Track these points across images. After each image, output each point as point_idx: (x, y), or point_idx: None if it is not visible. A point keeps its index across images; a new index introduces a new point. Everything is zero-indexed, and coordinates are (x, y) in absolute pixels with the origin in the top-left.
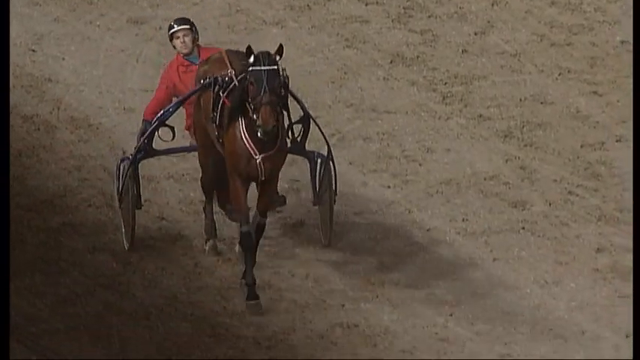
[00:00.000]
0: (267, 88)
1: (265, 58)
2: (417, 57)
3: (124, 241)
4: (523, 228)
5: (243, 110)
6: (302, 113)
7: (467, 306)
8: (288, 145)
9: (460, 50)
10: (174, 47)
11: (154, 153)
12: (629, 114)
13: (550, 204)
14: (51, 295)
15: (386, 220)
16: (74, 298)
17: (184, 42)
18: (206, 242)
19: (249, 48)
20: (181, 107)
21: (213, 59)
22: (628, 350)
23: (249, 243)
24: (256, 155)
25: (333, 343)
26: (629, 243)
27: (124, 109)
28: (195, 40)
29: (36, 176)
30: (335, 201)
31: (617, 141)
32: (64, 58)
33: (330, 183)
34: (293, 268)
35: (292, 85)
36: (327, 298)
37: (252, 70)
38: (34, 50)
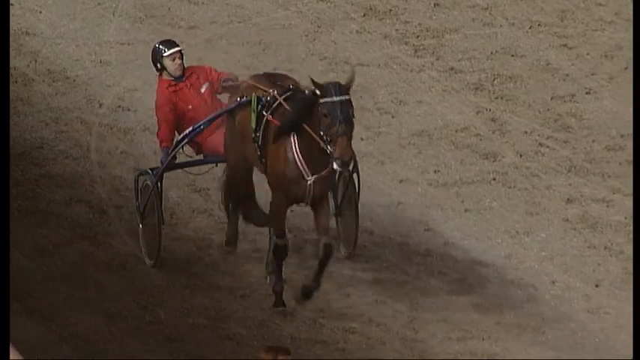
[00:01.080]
0: (342, 119)
1: (336, 88)
2: (390, 10)
3: (146, 258)
4: (494, 179)
5: (296, 131)
6: None
7: (438, 256)
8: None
9: (432, 4)
10: (161, 69)
11: (174, 167)
12: (598, 66)
13: (521, 155)
14: (29, 246)
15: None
16: (52, 248)
17: (180, 64)
18: (226, 244)
19: (312, 79)
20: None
21: (243, 88)
22: (597, 301)
23: (282, 255)
24: (308, 177)
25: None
26: (599, 194)
27: (101, 61)
28: (183, 62)
29: (14, 129)
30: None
31: (586, 93)
32: (41, 12)
33: (354, 194)
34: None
35: (266, 39)
36: (299, 248)
37: (324, 103)
38: (11, 4)
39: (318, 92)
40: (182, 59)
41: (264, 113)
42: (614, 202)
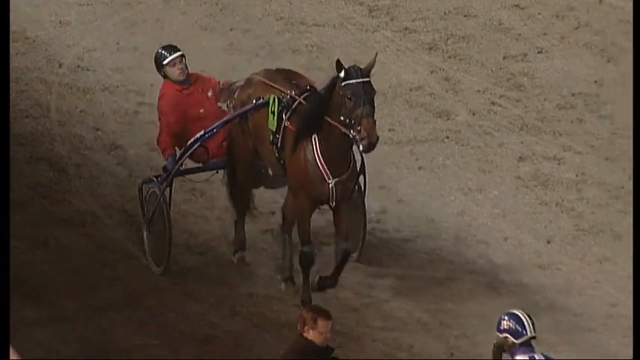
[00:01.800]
0: (365, 100)
1: (357, 71)
2: None
3: (152, 265)
4: (447, 137)
5: (315, 131)
6: None
7: (393, 213)
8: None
9: None
10: (164, 75)
11: (179, 173)
12: (550, 26)
13: (474, 114)
14: None
15: None
16: (14, 206)
17: (181, 69)
18: (234, 253)
19: (338, 62)
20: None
21: (254, 83)
22: (549, 257)
23: (310, 263)
24: (329, 179)
25: (263, 249)
26: (550, 152)
27: (60, 22)
28: (186, 66)
29: None
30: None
31: (538, 53)
32: None
33: (360, 197)
34: (225, 176)
35: (223, 0)
36: (258, 206)
37: (347, 85)
38: None
39: (341, 75)
40: (184, 64)
41: (284, 117)
42: (566, 159)
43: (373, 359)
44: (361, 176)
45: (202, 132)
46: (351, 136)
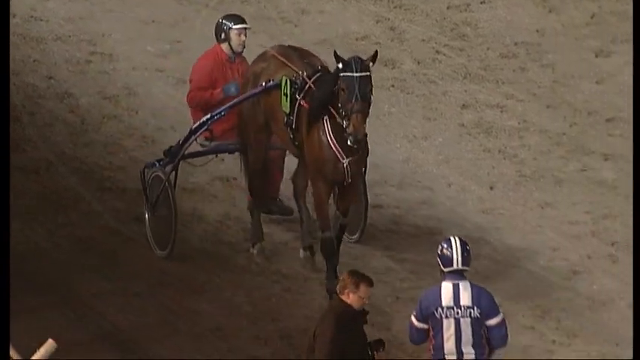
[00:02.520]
0: (358, 96)
1: (357, 63)
2: None
3: (156, 249)
4: (393, 86)
5: (326, 113)
6: None
7: None
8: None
9: None
10: (222, 41)
11: (185, 157)
12: None
13: (419, 63)
14: None
15: None
16: None
17: (243, 41)
18: (253, 246)
19: (335, 53)
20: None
21: (268, 57)
22: (492, 202)
23: (331, 249)
24: (343, 159)
25: (214, 195)
26: (493, 99)
27: None
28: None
29: None
30: (367, 198)
31: (481, 2)
32: None
33: (363, 179)
34: (174, 124)
35: None
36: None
37: (343, 76)
38: None
39: (339, 66)
40: (245, 38)
41: (297, 97)
42: (508, 107)
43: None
44: None
45: (209, 115)
46: (344, 126)
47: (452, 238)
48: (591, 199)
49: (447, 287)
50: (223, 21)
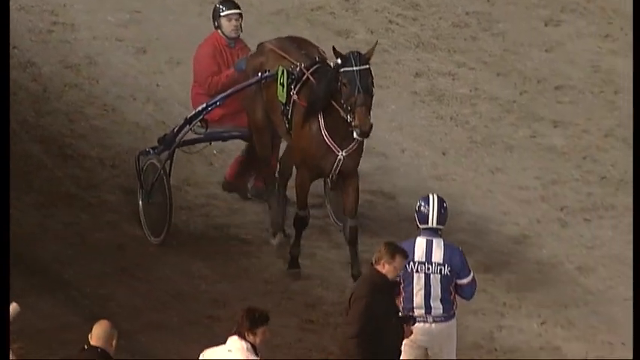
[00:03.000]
0: (361, 89)
1: (356, 57)
2: None
3: (150, 236)
4: None
5: (325, 108)
6: None
7: None
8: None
9: None
10: (216, 27)
11: (180, 145)
12: None
13: (372, 32)
14: None
15: None
16: None
17: (236, 26)
18: (274, 236)
19: (334, 49)
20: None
21: (266, 52)
22: (444, 168)
23: (303, 225)
24: (339, 152)
25: (173, 162)
26: (445, 68)
27: None
28: (241, 26)
29: None
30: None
31: None
32: None
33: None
34: (134, 92)
35: None
36: (166, 119)
37: (344, 71)
38: None
39: (338, 61)
40: (239, 23)
41: (292, 87)
42: (460, 75)
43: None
44: None
45: (204, 104)
46: (348, 120)
47: (430, 197)
48: (541, 164)
49: (420, 243)
50: (216, 6)
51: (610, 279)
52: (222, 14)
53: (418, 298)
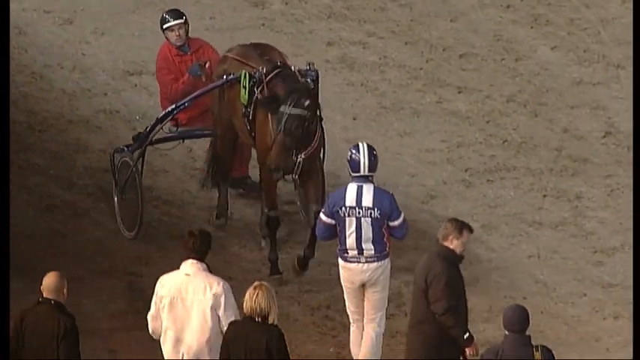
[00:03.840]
0: (283, 129)
1: (295, 99)
2: None
3: (125, 231)
4: (263, 25)
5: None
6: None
7: None
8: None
9: None
10: (166, 38)
11: (153, 143)
12: None
13: (286, 3)
14: None
15: None
16: None
17: (179, 35)
18: (217, 217)
19: (288, 86)
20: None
21: (228, 60)
22: (355, 132)
23: (275, 225)
24: (295, 156)
25: (98, 127)
26: (356, 37)
27: None
28: (187, 32)
29: None
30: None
31: None
32: None
33: (321, 166)
34: (61, 61)
35: None
36: (91, 87)
37: (280, 109)
38: None
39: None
40: (184, 30)
41: (255, 90)
42: (370, 44)
43: None
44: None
45: (173, 105)
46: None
47: (360, 145)
48: (446, 128)
49: (351, 188)
50: (162, 16)
51: (512, 237)
52: (164, 27)
53: (350, 241)
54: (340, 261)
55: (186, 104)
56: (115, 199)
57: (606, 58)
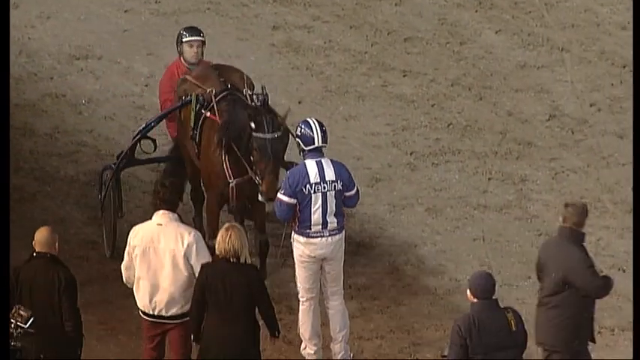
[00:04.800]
0: (271, 157)
1: (269, 124)
2: None
3: (106, 249)
4: (208, 9)
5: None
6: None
7: (160, 77)
8: None
9: None
10: (180, 53)
11: (135, 163)
12: None
13: None
14: None
15: None
16: None
17: (197, 52)
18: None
19: (249, 113)
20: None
21: (187, 81)
22: (300, 116)
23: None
24: (230, 179)
25: (44, 111)
26: (301, 21)
27: None
28: (202, 53)
29: None
30: None
31: None
32: None
33: None
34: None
35: None
36: (37, 71)
37: (256, 137)
38: None
39: (251, 125)
40: (202, 50)
41: (203, 112)
42: (315, 28)
43: None
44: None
45: (143, 125)
46: (256, 182)
47: (309, 120)
48: (391, 112)
49: (311, 165)
50: (180, 32)
51: (457, 220)
52: (184, 40)
53: (316, 216)
54: (300, 238)
55: (152, 124)
56: (102, 216)
57: (550, 41)
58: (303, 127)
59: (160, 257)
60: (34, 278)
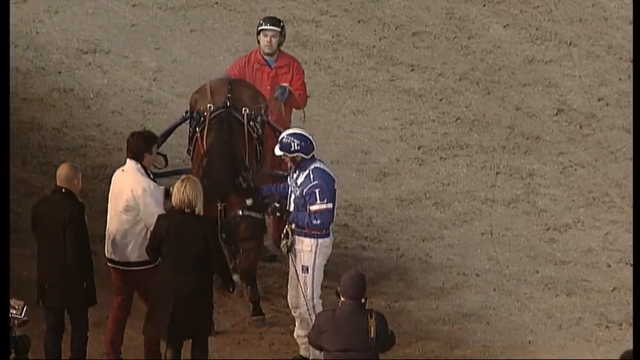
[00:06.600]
0: (238, 239)
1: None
2: None
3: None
4: (216, 3)
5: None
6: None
7: (168, 71)
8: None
9: None
10: (258, 42)
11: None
12: None
13: None
14: None
15: None
16: None
17: (270, 42)
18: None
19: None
20: None
21: (202, 89)
22: (308, 110)
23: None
24: (218, 203)
25: (52, 105)
26: (309, 15)
27: None
28: (280, 44)
29: None
30: None
31: None
32: None
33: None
34: (15, 40)
35: None
36: (45, 65)
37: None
38: None
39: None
40: (277, 40)
41: (197, 130)
42: (323, 22)
43: None
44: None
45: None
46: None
47: (294, 132)
48: (399, 106)
49: (328, 169)
50: (259, 21)
51: (465, 214)
52: (259, 29)
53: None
54: (327, 240)
55: (160, 139)
56: None
57: (558, 35)
58: (295, 140)
59: (114, 203)
60: (47, 210)
